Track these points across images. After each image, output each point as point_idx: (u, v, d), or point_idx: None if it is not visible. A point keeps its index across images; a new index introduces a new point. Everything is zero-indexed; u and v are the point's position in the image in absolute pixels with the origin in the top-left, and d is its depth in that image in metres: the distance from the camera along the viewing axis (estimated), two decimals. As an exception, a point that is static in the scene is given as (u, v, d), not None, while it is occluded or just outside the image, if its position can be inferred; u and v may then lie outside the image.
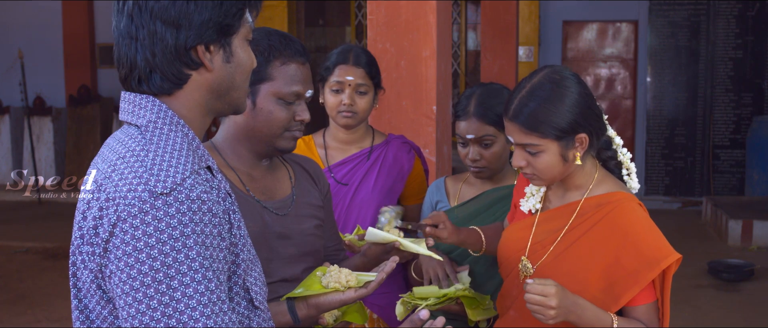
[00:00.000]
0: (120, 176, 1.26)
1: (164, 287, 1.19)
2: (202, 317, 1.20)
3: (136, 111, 1.34)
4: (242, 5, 1.38)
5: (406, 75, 3.06)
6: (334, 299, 1.73)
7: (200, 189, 1.25)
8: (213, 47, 1.36)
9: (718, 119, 9.45)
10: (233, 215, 1.32)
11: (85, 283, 1.29)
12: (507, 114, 1.94)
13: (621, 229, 1.91)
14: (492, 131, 2.35)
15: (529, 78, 1.98)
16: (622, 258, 1.88)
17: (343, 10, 10.39)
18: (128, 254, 1.20)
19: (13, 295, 5.96)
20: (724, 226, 7.55)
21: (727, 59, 9.36)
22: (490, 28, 7.01)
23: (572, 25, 9.81)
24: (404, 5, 3.04)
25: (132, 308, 1.20)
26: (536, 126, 1.88)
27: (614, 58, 9.78)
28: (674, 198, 9.50)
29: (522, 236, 2.04)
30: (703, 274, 6.44)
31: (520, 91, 1.94)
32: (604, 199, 1.96)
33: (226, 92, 1.41)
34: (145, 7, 1.32)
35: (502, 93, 2.43)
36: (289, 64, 1.89)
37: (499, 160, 2.40)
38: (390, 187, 2.65)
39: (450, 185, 2.54)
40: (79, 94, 10.56)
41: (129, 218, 1.21)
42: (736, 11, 9.26)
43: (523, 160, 1.93)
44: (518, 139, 1.91)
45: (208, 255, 1.23)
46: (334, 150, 2.69)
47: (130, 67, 1.35)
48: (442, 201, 2.52)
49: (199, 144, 1.37)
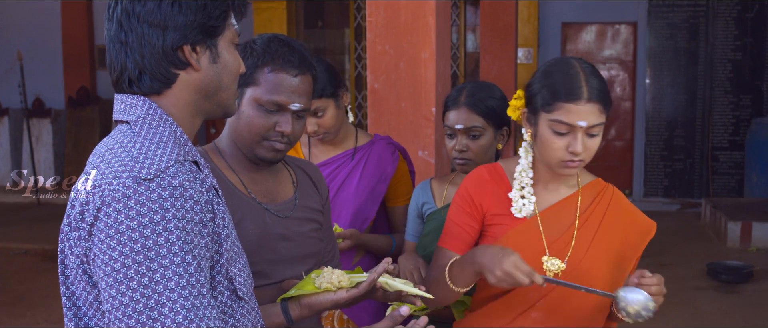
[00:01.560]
0: (107, 164, 1.31)
1: (144, 269, 1.23)
2: (180, 298, 1.23)
3: (126, 110, 1.41)
4: (226, 7, 1.44)
5: (405, 76, 3.06)
6: (326, 299, 1.75)
7: (183, 177, 1.29)
8: (199, 48, 1.42)
9: (717, 121, 9.45)
10: (217, 206, 1.36)
11: (72, 270, 1.34)
12: (582, 96, 1.88)
13: (625, 208, 2.07)
14: (480, 123, 2.36)
15: (567, 62, 1.96)
16: (629, 235, 2.04)
17: (342, 12, 10.39)
18: (111, 237, 1.25)
19: (12, 297, 5.95)
20: (723, 227, 7.55)
21: (726, 61, 9.37)
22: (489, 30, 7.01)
23: (571, 27, 9.81)
24: (403, 7, 3.05)
25: (112, 289, 1.24)
26: (607, 103, 1.94)
27: (613, 59, 9.79)
28: (673, 200, 9.50)
29: (529, 237, 2.00)
30: (702, 275, 6.43)
31: (577, 75, 1.91)
32: (595, 185, 2.08)
33: (214, 92, 1.46)
34: (132, 12, 1.38)
35: (492, 88, 2.44)
36: (277, 73, 1.86)
37: (486, 154, 2.40)
38: (372, 188, 2.63)
39: (436, 187, 2.53)
40: (78, 96, 10.56)
41: (113, 202, 1.26)
42: (735, 13, 9.27)
43: (585, 146, 1.91)
44: (595, 121, 1.90)
45: (189, 240, 1.26)
46: (318, 150, 2.68)
47: (120, 70, 1.42)
48: (428, 202, 2.51)
49: (187, 140, 1.42)
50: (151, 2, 1.37)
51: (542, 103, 1.93)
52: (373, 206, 2.64)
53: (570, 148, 1.90)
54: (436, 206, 2.49)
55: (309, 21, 10.36)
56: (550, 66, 1.98)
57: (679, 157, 9.55)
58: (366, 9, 3.14)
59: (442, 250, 2.06)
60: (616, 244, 2.02)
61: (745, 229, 7.40)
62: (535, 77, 2.00)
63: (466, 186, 2.08)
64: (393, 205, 2.71)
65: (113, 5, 1.41)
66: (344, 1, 10.26)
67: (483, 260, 1.83)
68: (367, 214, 2.63)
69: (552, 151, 1.93)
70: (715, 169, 9.47)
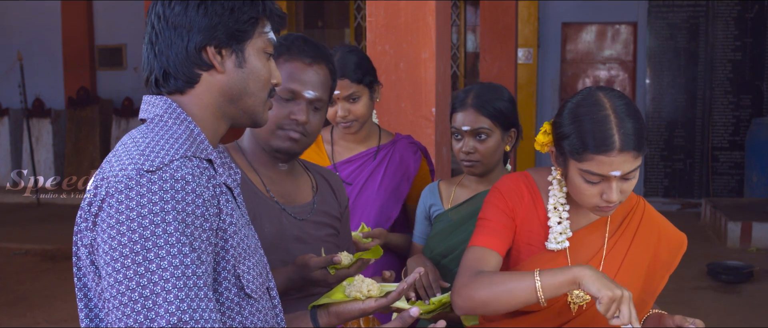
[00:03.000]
0: (117, 159, 1.35)
1: (140, 259, 1.25)
2: (174, 289, 1.24)
3: (148, 109, 1.45)
4: (255, 14, 1.46)
5: (406, 77, 3.06)
6: (354, 308, 1.73)
7: (186, 171, 1.31)
8: (225, 51, 1.44)
9: (717, 121, 9.45)
10: (225, 203, 1.38)
11: (83, 261, 1.37)
12: (614, 147, 1.75)
13: (655, 226, 1.99)
14: (488, 124, 2.35)
15: (597, 103, 1.81)
16: (660, 253, 1.98)
17: (342, 12, 10.39)
18: (111, 227, 1.27)
19: (12, 297, 5.95)
20: (723, 227, 7.55)
21: (726, 61, 9.37)
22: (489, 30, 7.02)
23: (571, 27, 9.81)
24: (403, 7, 3.05)
25: (111, 277, 1.26)
26: (642, 145, 1.79)
27: (613, 59, 9.79)
28: (673, 200, 9.50)
29: (556, 266, 1.89)
30: (702, 276, 6.43)
31: (608, 121, 1.77)
32: (626, 204, 1.98)
33: (239, 97, 1.47)
34: (162, 16, 1.43)
35: (499, 90, 2.43)
36: (292, 62, 1.89)
37: (493, 155, 2.39)
38: (395, 187, 2.63)
39: (443, 189, 2.53)
40: (78, 96, 10.56)
41: (116, 193, 1.29)
42: (734, 13, 9.27)
43: (620, 191, 1.80)
44: (629, 168, 1.77)
45: (189, 233, 1.28)
46: (340, 147, 2.67)
47: (149, 71, 1.47)
48: (435, 204, 2.50)
49: (203, 139, 1.43)
50: (179, 6, 1.42)
51: (571, 150, 1.80)
52: (396, 205, 2.63)
53: (604, 196, 1.80)
54: (443, 207, 2.49)
55: (309, 21, 10.36)
56: (579, 107, 1.83)
57: (679, 157, 9.56)
58: (366, 9, 3.15)
59: (479, 249, 1.91)
60: (644, 263, 1.95)
61: (745, 229, 7.40)
62: (564, 118, 1.85)
63: (501, 191, 1.97)
64: (414, 204, 2.70)
65: (151, 8, 1.47)
66: (344, 2, 10.26)
67: (596, 274, 1.70)
68: (390, 213, 2.62)
69: (584, 198, 1.83)
70: (715, 169, 9.47)
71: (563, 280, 1.72)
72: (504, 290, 1.78)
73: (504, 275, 1.84)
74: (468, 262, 1.90)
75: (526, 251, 1.96)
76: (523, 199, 1.96)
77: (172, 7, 1.42)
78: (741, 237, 7.39)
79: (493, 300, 1.79)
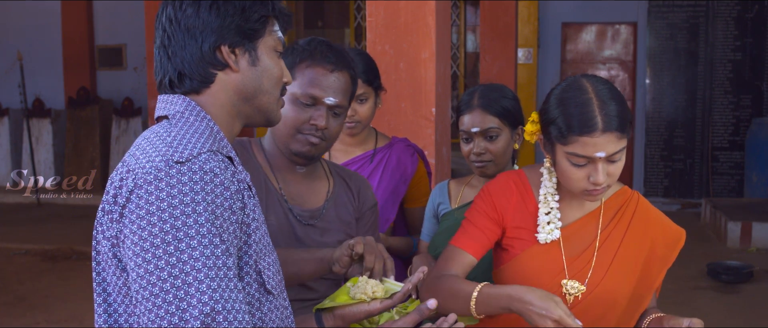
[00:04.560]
0: (142, 151, 1.36)
1: (172, 249, 1.25)
2: (206, 278, 1.25)
3: (166, 107, 1.46)
4: (265, 12, 1.48)
5: (405, 77, 3.06)
6: (359, 310, 1.72)
7: (214, 164, 1.33)
8: (238, 50, 1.46)
9: (717, 121, 9.46)
10: (248, 199, 1.39)
11: (104, 255, 1.37)
12: (596, 128, 1.79)
13: (651, 219, 2.00)
14: (496, 123, 2.35)
15: (580, 88, 1.85)
16: (656, 247, 1.97)
17: (342, 12, 10.40)
18: (141, 217, 1.27)
19: (11, 297, 5.95)
20: (723, 227, 7.55)
21: (726, 61, 9.37)
22: (489, 30, 7.02)
23: (571, 27, 9.81)
24: (403, 7, 3.05)
25: (140, 269, 1.26)
26: (625, 127, 1.82)
27: (613, 59, 9.79)
28: (673, 200, 9.50)
29: (550, 258, 1.95)
30: (703, 276, 6.43)
31: (590, 103, 1.81)
32: (619, 196, 2.00)
33: (254, 95, 1.49)
34: (174, 19, 1.45)
35: (504, 89, 2.43)
36: (314, 67, 1.92)
37: (504, 155, 2.39)
38: (393, 189, 2.64)
39: (453, 188, 2.54)
40: (78, 96, 10.56)
41: (144, 184, 1.29)
42: (734, 13, 9.27)
43: (606, 173, 1.82)
44: (613, 149, 1.80)
45: (218, 224, 1.29)
46: (337, 151, 2.69)
47: (163, 74, 1.48)
48: (443, 203, 2.52)
49: (222, 137, 1.45)
50: (191, 8, 1.44)
51: (557, 134, 1.84)
52: (394, 207, 2.65)
53: (591, 179, 1.83)
54: (450, 206, 2.50)
55: (309, 21, 10.36)
56: (564, 92, 1.87)
57: (679, 157, 9.56)
58: (366, 9, 3.15)
59: (455, 249, 1.99)
60: (640, 258, 1.96)
61: (745, 229, 7.40)
62: (550, 103, 1.89)
63: (490, 192, 2.01)
64: (411, 206, 2.71)
65: (160, 13, 1.48)
66: (344, 1, 10.26)
67: (531, 297, 1.73)
68: (388, 215, 2.64)
69: (573, 182, 1.86)
70: (715, 169, 9.47)
71: (498, 298, 1.78)
72: (450, 296, 1.86)
73: (456, 283, 1.90)
74: (441, 259, 2.00)
75: (519, 245, 1.98)
76: (511, 197, 2.00)
77: (184, 9, 1.44)
78: (741, 237, 7.39)
79: (445, 302, 1.83)
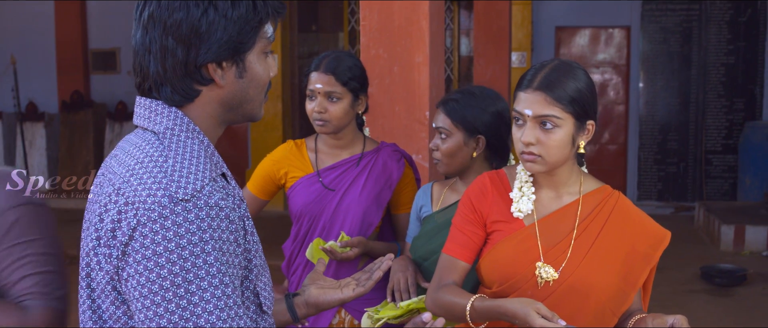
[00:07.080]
0: (139, 180, 1.29)
1: (182, 292, 1.22)
2: (218, 321, 1.24)
3: (152, 117, 1.37)
4: (258, 22, 1.38)
5: (399, 81, 3.06)
6: (333, 298, 1.75)
7: (218, 196, 1.28)
8: (225, 64, 1.37)
9: (711, 125, 9.48)
10: (247, 221, 1.36)
11: (99, 283, 1.32)
12: (528, 86, 1.88)
13: (631, 217, 2.01)
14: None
15: (541, 63, 1.95)
16: (637, 244, 1.98)
17: (336, 16, 10.39)
18: (148, 258, 1.23)
19: (4, 301, 5.92)
20: (717, 231, 7.57)
21: (719, 65, 9.40)
22: (483, 34, 7.02)
23: (565, 31, 9.83)
24: (397, 11, 3.05)
25: (149, 311, 1.23)
26: (561, 97, 1.85)
27: (607, 63, 9.81)
28: (667, 203, 9.52)
29: (526, 246, 1.98)
30: (696, 279, 6.45)
31: (540, 69, 1.90)
32: (599, 193, 2.02)
33: (239, 105, 1.43)
34: (158, 21, 1.33)
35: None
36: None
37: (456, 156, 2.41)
38: (377, 194, 2.64)
39: (436, 191, 2.53)
40: (71, 100, 10.52)
41: (148, 222, 1.24)
42: (727, 17, 9.30)
43: (534, 137, 1.86)
44: (539, 110, 1.85)
45: (225, 261, 1.26)
46: (324, 154, 2.70)
47: (143, 76, 1.38)
48: (425, 205, 2.51)
49: (214, 151, 1.40)
50: (179, 14, 1.32)
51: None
52: (378, 212, 2.65)
53: (522, 138, 1.87)
54: (431, 209, 2.49)
55: (303, 25, 10.35)
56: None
57: (672, 160, 9.58)
58: (360, 13, 3.15)
59: (447, 258, 2.04)
60: (620, 254, 1.97)
61: (738, 232, 7.42)
62: None
63: (468, 195, 2.07)
64: (397, 212, 2.72)
65: (140, 7, 1.36)
66: (338, 3, 10.26)
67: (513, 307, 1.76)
68: (372, 219, 2.64)
69: (515, 143, 1.93)
70: (708, 172, 9.49)
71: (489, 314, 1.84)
72: (449, 308, 1.93)
73: (451, 296, 1.95)
74: (439, 269, 2.05)
75: (497, 236, 2.02)
76: (488, 194, 2.04)
77: (170, 14, 1.32)
78: (734, 240, 7.41)
79: (445, 314, 1.95)
